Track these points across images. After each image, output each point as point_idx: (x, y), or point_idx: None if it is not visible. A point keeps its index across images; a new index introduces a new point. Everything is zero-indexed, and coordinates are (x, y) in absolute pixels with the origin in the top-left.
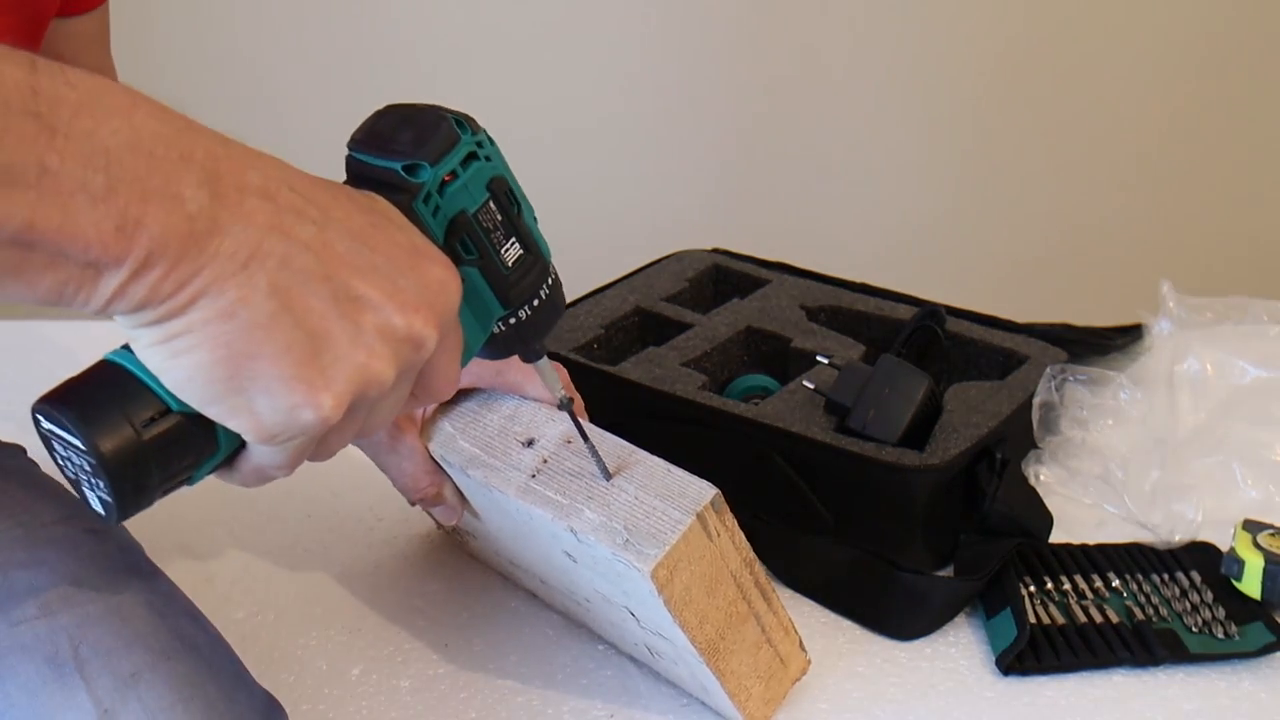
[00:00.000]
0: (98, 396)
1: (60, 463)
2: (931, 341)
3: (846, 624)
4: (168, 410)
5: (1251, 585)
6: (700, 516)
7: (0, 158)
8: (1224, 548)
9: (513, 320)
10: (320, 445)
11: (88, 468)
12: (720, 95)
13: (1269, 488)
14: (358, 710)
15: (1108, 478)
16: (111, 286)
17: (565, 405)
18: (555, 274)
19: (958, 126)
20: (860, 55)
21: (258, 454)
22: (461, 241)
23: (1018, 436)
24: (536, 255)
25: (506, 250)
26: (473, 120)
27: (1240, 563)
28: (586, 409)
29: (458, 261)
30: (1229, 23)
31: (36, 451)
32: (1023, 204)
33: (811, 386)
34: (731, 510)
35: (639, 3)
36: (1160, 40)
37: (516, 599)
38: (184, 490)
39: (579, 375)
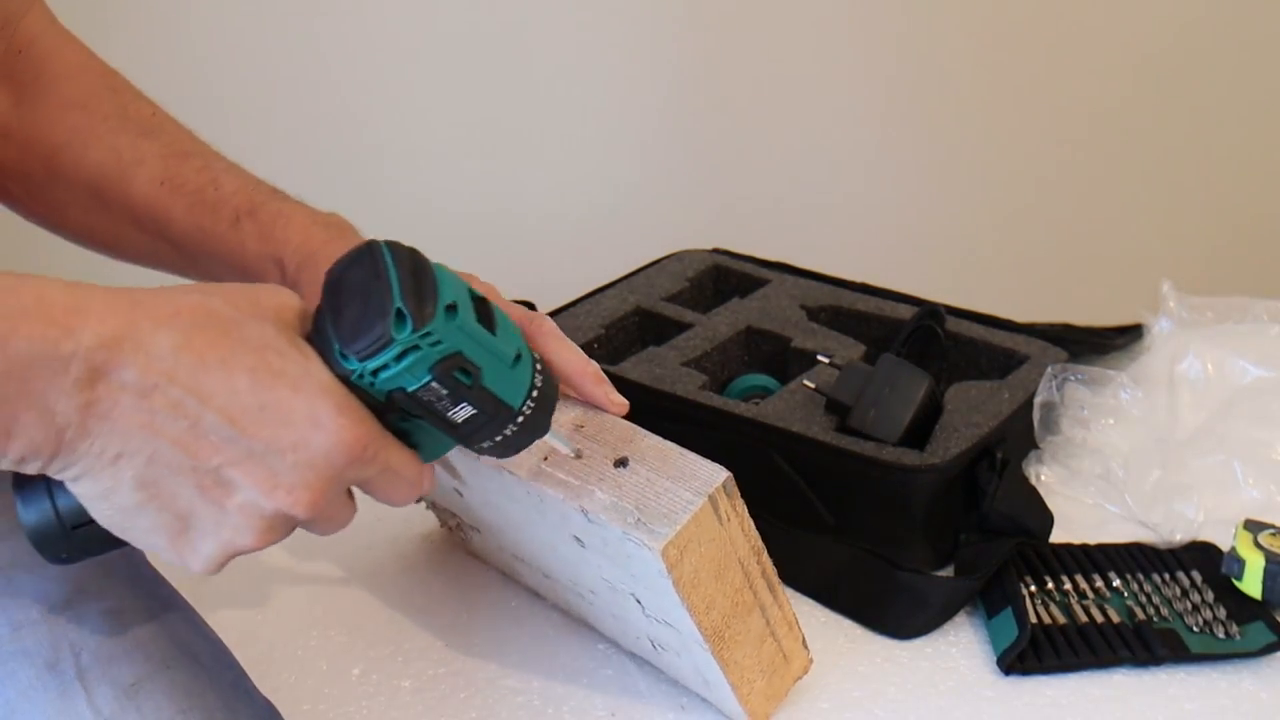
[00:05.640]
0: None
1: None
2: (932, 341)
3: (847, 623)
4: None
5: (1252, 585)
6: (711, 499)
7: None
8: (1225, 547)
9: (476, 449)
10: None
11: None
12: (720, 95)
13: (1270, 487)
14: (358, 710)
15: (1108, 477)
16: (5, 464)
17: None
18: (529, 408)
19: (958, 126)
20: (861, 54)
21: None
22: (405, 407)
23: (1018, 436)
24: (494, 411)
25: (454, 413)
26: (427, 307)
27: (1241, 562)
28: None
29: (405, 418)
30: (1229, 22)
31: None
32: (1023, 203)
33: (812, 386)
34: None
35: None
36: (1161, 39)
37: (517, 598)
38: None
39: None
